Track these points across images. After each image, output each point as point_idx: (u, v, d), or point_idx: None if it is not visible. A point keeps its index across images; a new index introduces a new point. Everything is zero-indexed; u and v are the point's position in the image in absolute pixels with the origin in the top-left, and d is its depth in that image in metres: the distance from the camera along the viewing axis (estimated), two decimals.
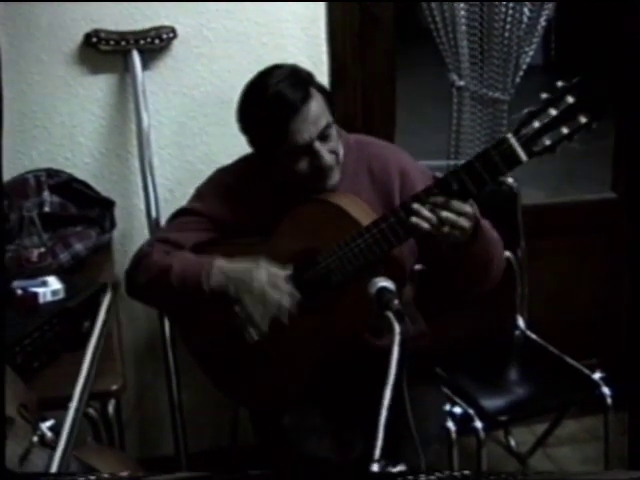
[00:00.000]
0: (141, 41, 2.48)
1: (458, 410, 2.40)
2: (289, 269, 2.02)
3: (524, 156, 1.74)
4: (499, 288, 2.12)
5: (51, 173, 2.48)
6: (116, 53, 2.49)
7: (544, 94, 1.73)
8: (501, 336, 2.87)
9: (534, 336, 2.82)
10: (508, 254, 2.66)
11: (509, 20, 2.80)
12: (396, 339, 1.51)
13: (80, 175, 2.54)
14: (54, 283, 2.09)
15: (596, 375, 2.55)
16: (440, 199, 1.82)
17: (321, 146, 1.98)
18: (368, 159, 2.13)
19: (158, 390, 2.77)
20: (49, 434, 1.55)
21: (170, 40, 2.52)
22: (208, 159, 2.63)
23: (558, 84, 1.72)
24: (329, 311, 2.02)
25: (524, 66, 2.87)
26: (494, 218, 2.04)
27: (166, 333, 2.57)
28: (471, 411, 2.42)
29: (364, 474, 1.45)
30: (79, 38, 2.48)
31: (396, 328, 1.53)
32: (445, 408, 2.32)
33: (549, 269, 3.03)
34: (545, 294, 3.01)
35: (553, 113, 1.72)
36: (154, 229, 2.50)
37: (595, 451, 2.84)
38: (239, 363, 2.16)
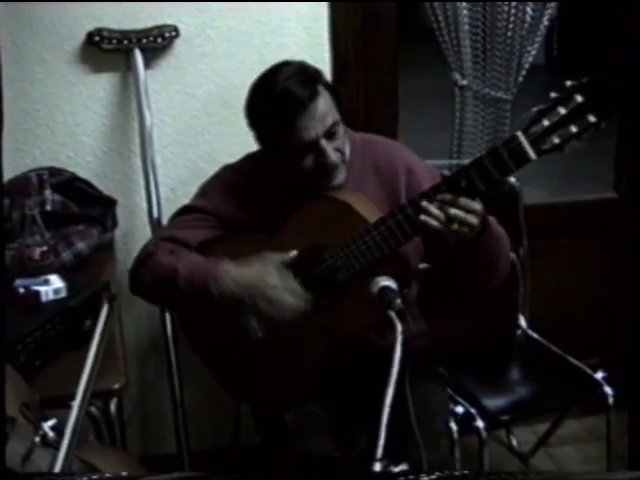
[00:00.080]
0: (143, 40, 2.48)
1: (460, 409, 2.41)
2: (291, 257, 2.02)
3: (533, 154, 1.75)
4: (501, 287, 2.12)
5: (53, 172, 2.48)
6: (118, 52, 2.49)
7: (553, 93, 1.74)
8: (503, 335, 2.87)
9: (536, 336, 2.82)
10: (510, 253, 2.66)
11: (512, 19, 2.80)
12: (398, 338, 1.51)
13: (82, 174, 2.54)
14: (56, 282, 2.09)
15: (598, 375, 2.54)
16: (448, 196, 1.83)
17: (327, 144, 1.98)
18: (374, 157, 2.13)
19: (160, 388, 2.77)
20: (51, 434, 1.55)
21: (173, 39, 2.52)
22: (210, 158, 2.64)
23: (567, 83, 1.73)
24: (335, 309, 2.02)
25: (527, 65, 2.88)
26: (496, 218, 2.04)
27: (168, 331, 2.57)
28: (473, 410, 2.42)
29: (366, 473, 1.45)
30: (81, 37, 2.48)
31: (398, 327, 1.53)
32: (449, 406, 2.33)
33: (551, 268, 3.03)
34: (547, 294, 3.01)
35: (562, 112, 1.72)
36: (156, 228, 2.50)
37: (597, 451, 2.83)
38: (242, 361, 2.16)
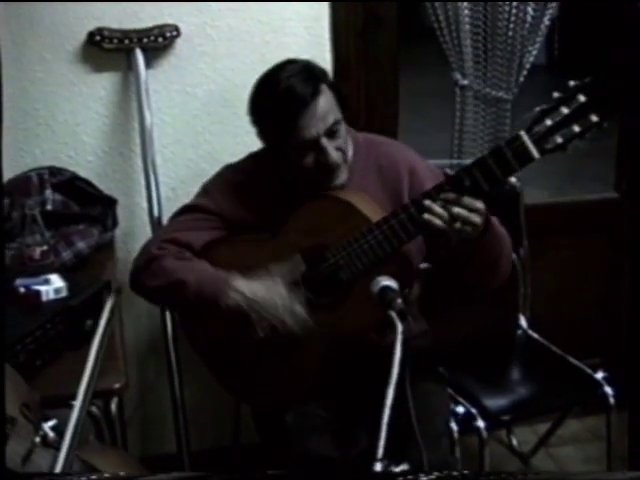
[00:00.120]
0: (144, 39, 2.48)
1: (460, 409, 2.41)
2: (302, 268, 2.03)
3: (536, 154, 1.76)
4: (502, 287, 2.12)
5: (54, 171, 2.48)
6: (119, 51, 2.49)
7: (556, 93, 1.74)
8: (503, 335, 2.87)
9: (536, 335, 2.82)
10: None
11: (513, 19, 2.80)
12: (398, 338, 1.51)
13: (83, 173, 2.54)
14: (57, 281, 2.10)
15: (599, 375, 2.54)
16: (452, 195, 1.83)
17: (328, 143, 1.97)
18: (377, 157, 2.13)
19: (160, 388, 2.77)
20: (51, 434, 1.55)
21: (173, 38, 2.52)
22: (211, 158, 2.63)
23: (570, 83, 1.74)
24: (336, 308, 2.02)
25: (528, 65, 2.87)
26: (496, 216, 2.04)
27: (168, 331, 2.57)
28: (473, 410, 2.42)
29: (366, 473, 1.45)
30: (82, 36, 2.48)
31: (399, 327, 1.53)
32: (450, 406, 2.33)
33: (552, 269, 3.03)
34: (548, 293, 3.01)
35: (565, 112, 1.73)
36: (156, 227, 2.50)
37: (597, 451, 2.83)
38: (242, 360, 2.15)
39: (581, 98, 1.72)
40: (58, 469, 1.42)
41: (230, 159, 2.26)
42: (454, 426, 2.35)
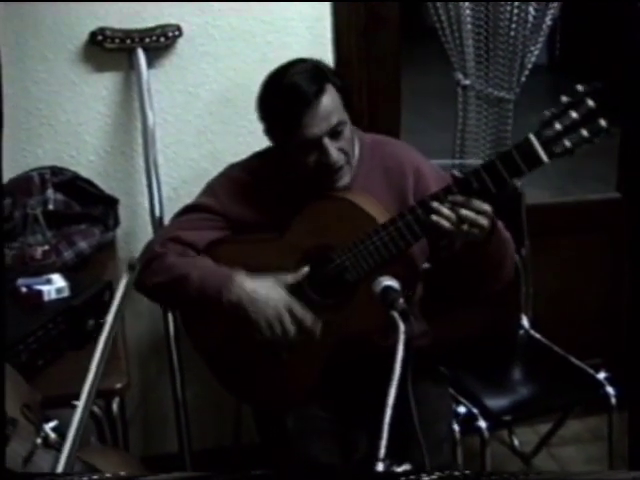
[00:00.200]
0: (146, 39, 2.48)
1: (462, 410, 2.40)
2: (305, 270, 2.02)
3: (545, 157, 1.76)
4: (504, 287, 2.12)
5: (55, 171, 2.48)
6: (121, 51, 2.49)
7: (564, 97, 1.75)
8: (505, 335, 2.87)
9: (538, 335, 2.82)
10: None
11: (514, 19, 2.79)
12: (401, 338, 1.51)
13: (85, 173, 2.54)
14: (58, 281, 2.10)
15: (600, 375, 2.54)
16: (460, 198, 1.84)
17: (330, 143, 1.97)
18: (383, 158, 2.13)
19: (162, 388, 2.77)
20: (53, 435, 1.55)
21: (175, 38, 2.52)
22: (213, 157, 2.64)
23: (578, 87, 1.74)
24: (341, 309, 2.01)
25: (529, 65, 2.87)
26: (498, 218, 2.04)
27: (170, 331, 2.57)
28: (475, 411, 2.42)
29: (368, 473, 1.45)
30: (84, 36, 2.48)
31: (401, 327, 1.53)
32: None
33: (553, 268, 3.03)
34: (550, 293, 3.01)
35: (574, 116, 1.74)
36: (158, 227, 2.50)
37: (599, 451, 2.83)
38: (245, 361, 2.15)
39: (590, 103, 1.73)
40: (60, 470, 1.42)
41: (232, 159, 2.26)
42: (456, 426, 2.35)
